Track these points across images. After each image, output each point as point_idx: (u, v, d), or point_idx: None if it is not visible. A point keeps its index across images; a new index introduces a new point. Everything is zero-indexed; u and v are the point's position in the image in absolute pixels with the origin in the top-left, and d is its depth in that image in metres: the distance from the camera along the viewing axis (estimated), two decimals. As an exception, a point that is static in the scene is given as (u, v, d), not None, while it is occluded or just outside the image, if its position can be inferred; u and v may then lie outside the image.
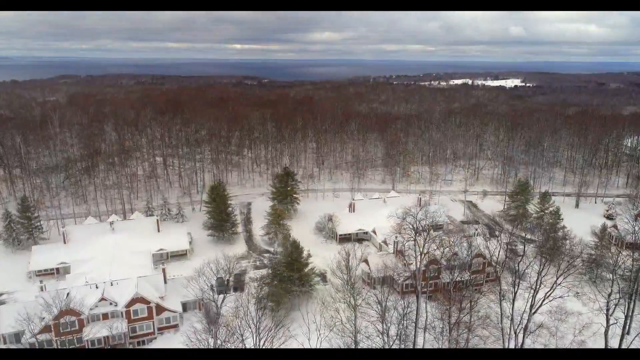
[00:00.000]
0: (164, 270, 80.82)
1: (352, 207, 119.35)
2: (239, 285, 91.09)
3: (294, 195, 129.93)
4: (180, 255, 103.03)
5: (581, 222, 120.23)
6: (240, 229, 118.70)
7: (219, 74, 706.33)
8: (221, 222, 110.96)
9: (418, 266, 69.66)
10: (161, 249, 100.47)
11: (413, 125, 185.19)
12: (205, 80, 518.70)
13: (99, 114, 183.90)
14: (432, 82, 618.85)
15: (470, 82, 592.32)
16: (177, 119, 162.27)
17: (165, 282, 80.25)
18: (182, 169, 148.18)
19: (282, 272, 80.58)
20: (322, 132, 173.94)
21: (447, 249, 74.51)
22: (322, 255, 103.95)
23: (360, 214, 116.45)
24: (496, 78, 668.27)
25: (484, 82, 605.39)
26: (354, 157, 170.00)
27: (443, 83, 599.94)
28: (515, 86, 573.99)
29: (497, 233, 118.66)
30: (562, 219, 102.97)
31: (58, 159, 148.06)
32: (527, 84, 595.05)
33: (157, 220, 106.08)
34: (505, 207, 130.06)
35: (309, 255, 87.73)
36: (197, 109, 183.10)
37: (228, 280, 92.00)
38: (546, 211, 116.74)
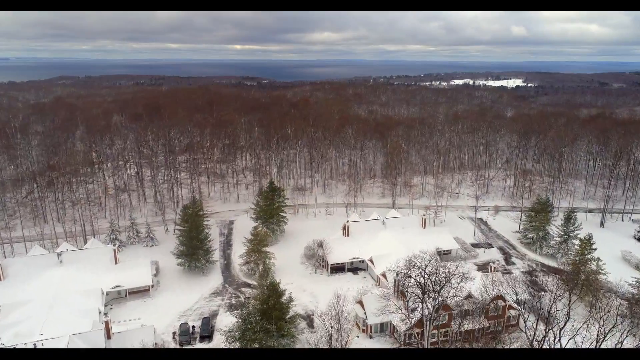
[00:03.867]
0: (107, 323, 64.59)
1: (346, 230, 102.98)
2: (207, 333, 74.81)
3: (281, 214, 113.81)
4: (142, 292, 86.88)
5: (609, 244, 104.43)
6: (217, 255, 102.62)
7: (218, 74, 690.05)
8: (193, 249, 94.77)
9: (427, 333, 53.30)
10: (117, 286, 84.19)
11: (416, 132, 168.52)
12: (205, 81, 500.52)
13: (67, 121, 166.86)
14: (433, 82, 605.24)
15: (471, 82, 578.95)
16: (153, 126, 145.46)
17: (109, 337, 64.15)
18: (156, 182, 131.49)
19: (256, 324, 64.42)
20: (316, 139, 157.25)
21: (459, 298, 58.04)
22: (310, 290, 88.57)
23: (355, 238, 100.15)
24: (497, 78, 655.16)
25: (485, 82, 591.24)
26: (350, 167, 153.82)
27: (444, 83, 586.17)
28: (517, 86, 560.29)
29: (513, 259, 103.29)
30: (595, 249, 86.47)
31: (16, 172, 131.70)
32: (529, 84, 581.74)
33: (115, 250, 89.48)
34: (522, 227, 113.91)
35: (291, 300, 71.67)
36: (179, 115, 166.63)
37: (193, 327, 76.37)
38: (571, 234, 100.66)
